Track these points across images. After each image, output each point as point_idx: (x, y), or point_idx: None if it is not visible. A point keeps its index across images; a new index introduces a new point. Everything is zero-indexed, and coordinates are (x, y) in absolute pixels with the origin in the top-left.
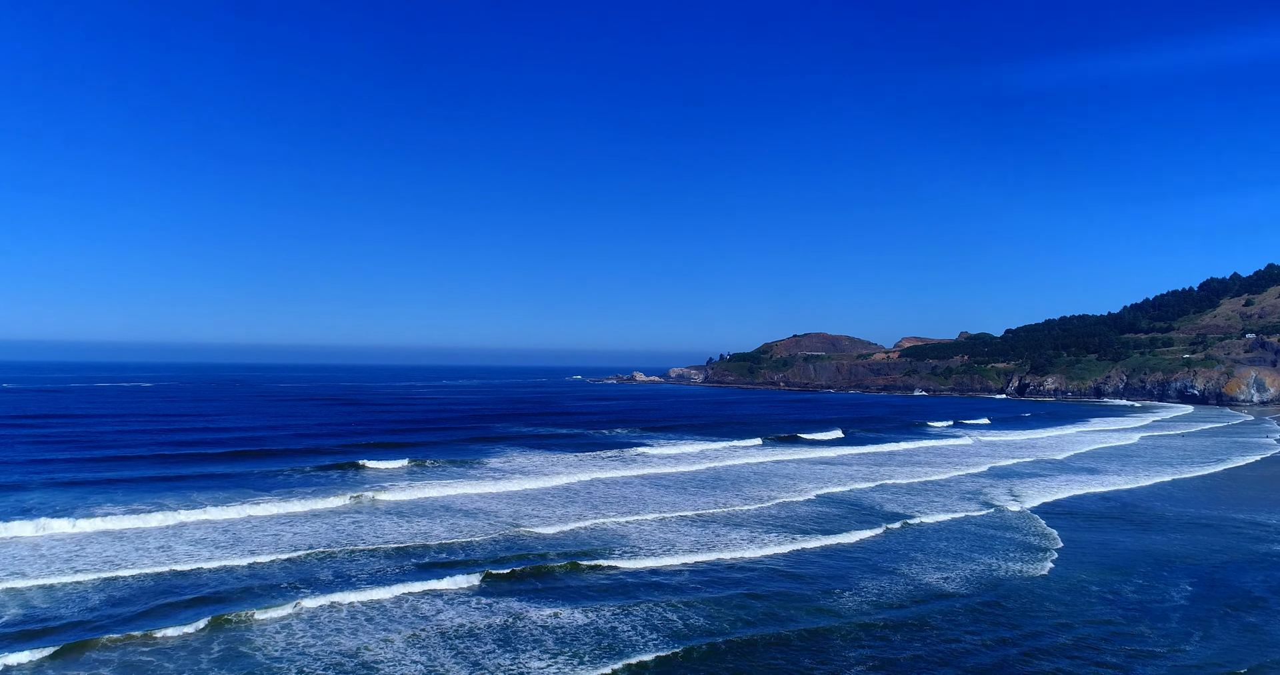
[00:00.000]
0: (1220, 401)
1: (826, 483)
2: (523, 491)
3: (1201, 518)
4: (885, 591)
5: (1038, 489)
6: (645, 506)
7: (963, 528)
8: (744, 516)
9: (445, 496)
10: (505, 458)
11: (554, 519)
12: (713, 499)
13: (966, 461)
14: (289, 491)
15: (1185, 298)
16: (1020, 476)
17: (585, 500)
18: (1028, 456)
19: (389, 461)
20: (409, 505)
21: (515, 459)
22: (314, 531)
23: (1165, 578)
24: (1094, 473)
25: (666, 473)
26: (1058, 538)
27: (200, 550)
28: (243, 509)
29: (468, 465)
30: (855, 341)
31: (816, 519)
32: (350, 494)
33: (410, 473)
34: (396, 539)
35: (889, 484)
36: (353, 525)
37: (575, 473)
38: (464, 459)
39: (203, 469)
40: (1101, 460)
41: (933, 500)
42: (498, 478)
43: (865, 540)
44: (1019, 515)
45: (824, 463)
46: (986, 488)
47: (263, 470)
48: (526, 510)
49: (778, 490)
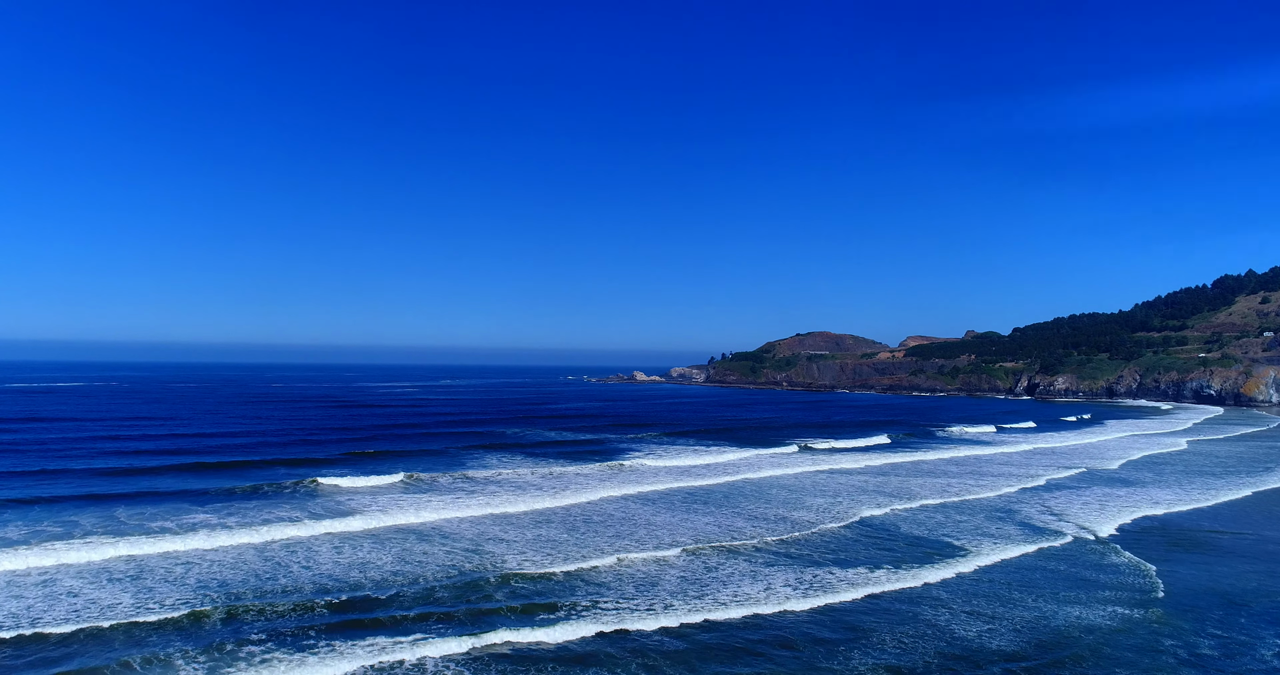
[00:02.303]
0: (1238, 402)
1: (857, 501)
2: (498, 515)
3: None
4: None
5: (1102, 508)
6: (637, 534)
7: (1043, 566)
8: (760, 549)
9: (403, 525)
10: (488, 469)
11: (527, 549)
12: (718, 522)
13: (1014, 473)
14: (227, 509)
15: (1199, 295)
16: (1077, 491)
17: (568, 524)
18: (1077, 466)
19: (352, 478)
20: (359, 536)
21: (499, 471)
22: (229, 568)
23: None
24: (1156, 486)
25: (665, 489)
26: (1155, 574)
27: (58, 604)
28: (156, 543)
29: (439, 481)
30: (860, 340)
31: (852, 552)
32: (294, 518)
33: (373, 492)
34: (324, 581)
35: (935, 504)
36: (278, 560)
37: (563, 490)
38: (438, 472)
39: (139, 485)
40: (1157, 471)
41: (992, 525)
42: (471, 494)
43: (926, 588)
44: (1099, 545)
45: (848, 474)
46: (1047, 507)
47: (202, 488)
48: (494, 535)
49: (800, 510)
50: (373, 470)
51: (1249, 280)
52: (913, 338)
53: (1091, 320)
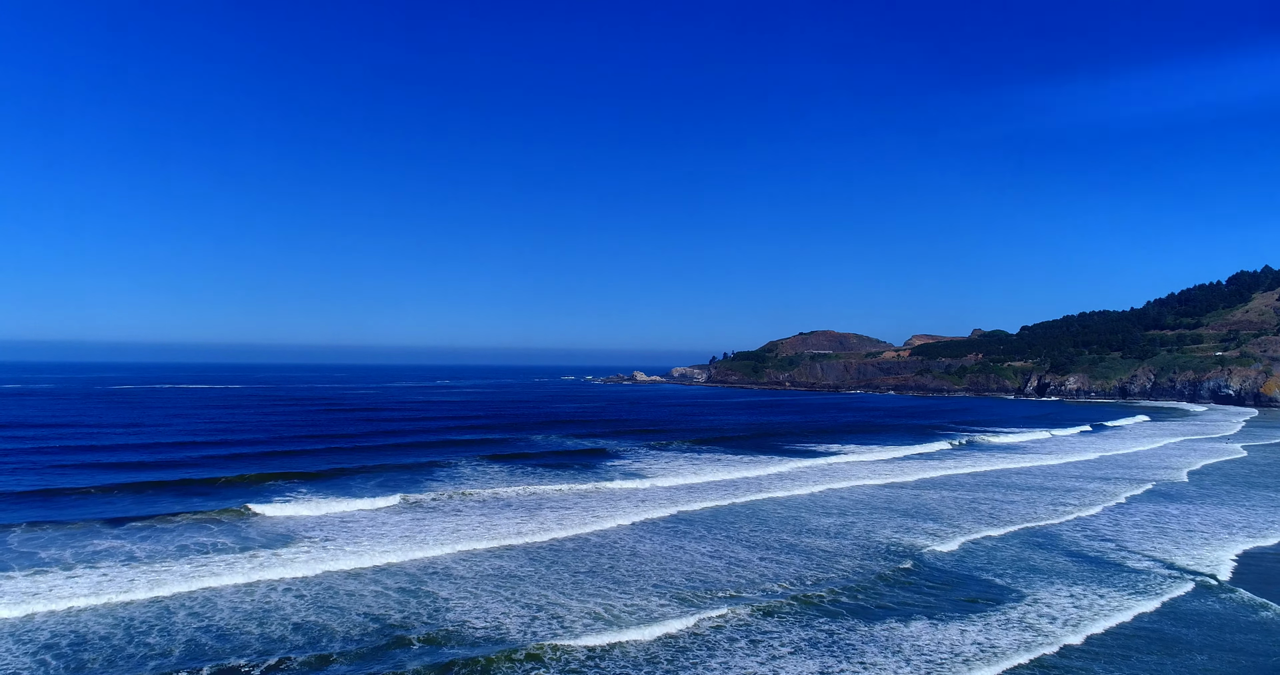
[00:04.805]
0: (1258, 402)
1: (904, 529)
2: (458, 555)
3: None
4: None
5: (1208, 538)
6: (631, 584)
7: (1181, 636)
8: (804, 606)
9: (330, 573)
10: (461, 487)
11: (473, 617)
12: (736, 564)
13: (1085, 489)
14: (126, 539)
15: (1214, 292)
16: (1161, 512)
17: (538, 574)
18: (1144, 479)
19: (301, 502)
20: (273, 587)
21: (472, 492)
22: (100, 622)
23: None
24: (1238, 504)
25: (662, 517)
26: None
27: None
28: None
29: (399, 506)
30: (864, 339)
31: (897, 603)
32: (203, 561)
33: (315, 527)
34: (206, 642)
35: (1004, 534)
36: (155, 618)
37: (539, 524)
38: (400, 491)
39: (41, 513)
40: (1231, 483)
41: (1085, 567)
42: (422, 523)
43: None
44: (1228, 594)
45: (896, 489)
46: (1142, 533)
47: (113, 517)
48: (433, 593)
49: (822, 538)
50: (331, 489)
51: (1266, 276)
52: (918, 337)
53: (1102, 318)
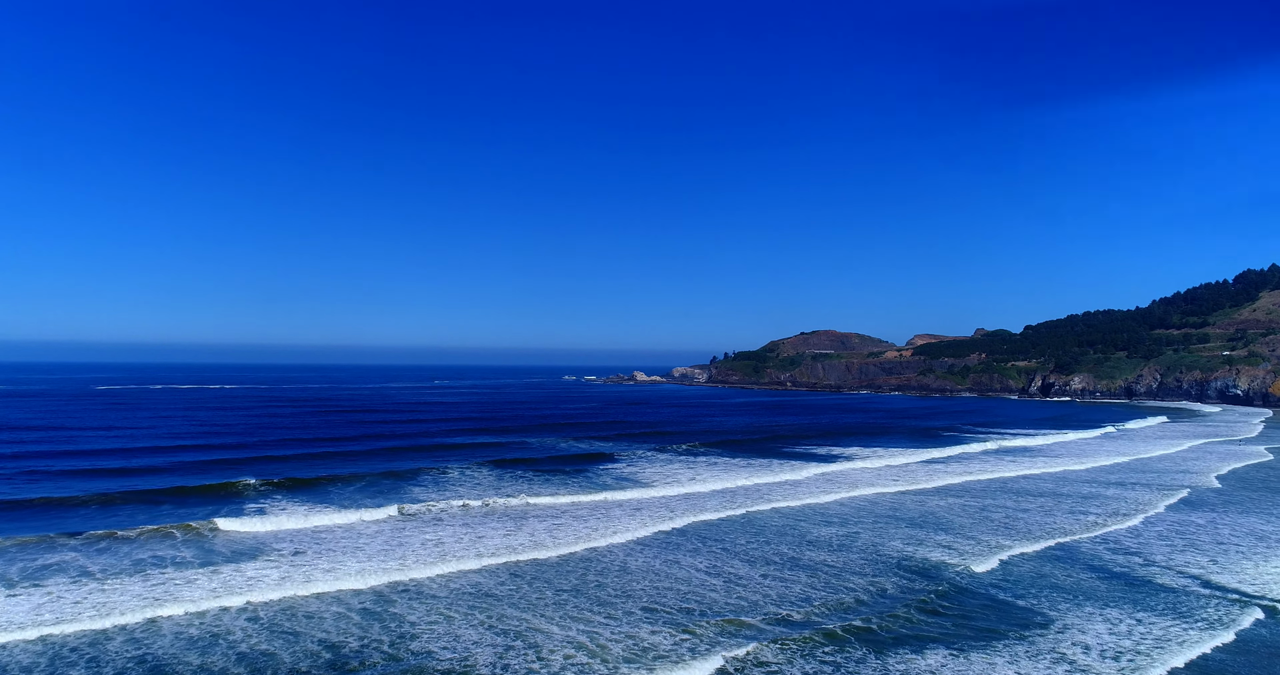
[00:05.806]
0: (1266, 402)
1: (918, 542)
2: (435, 572)
3: None
4: None
5: (1266, 557)
6: (618, 606)
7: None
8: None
9: (290, 600)
10: (447, 496)
11: (439, 646)
12: (735, 582)
13: (1118, 497)
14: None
15: (1220, 291)
16: (1201, 524)
17: (519, 593)
18: (1175, 486)
19: (265, 515)
20: (227, 609)
21: (458, 501)
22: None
23: None
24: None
25: (664, 530)
26: None
27: None
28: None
29: (380, 517)
30: (865, 339)
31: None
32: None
33: (286, 540)
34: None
35: (1038, 550)
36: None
37: (529, 536)
38: (382, 499)
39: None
40: (1262, 489)
41: (1137, 593)
42: (402, 534)
43: None
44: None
45: (922, 496)
46: (1194, 550)
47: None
48: (400, 616)
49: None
50: (309, 498)
51: (1272, 275)
52: (920, 336)
53: (1107, 317)
